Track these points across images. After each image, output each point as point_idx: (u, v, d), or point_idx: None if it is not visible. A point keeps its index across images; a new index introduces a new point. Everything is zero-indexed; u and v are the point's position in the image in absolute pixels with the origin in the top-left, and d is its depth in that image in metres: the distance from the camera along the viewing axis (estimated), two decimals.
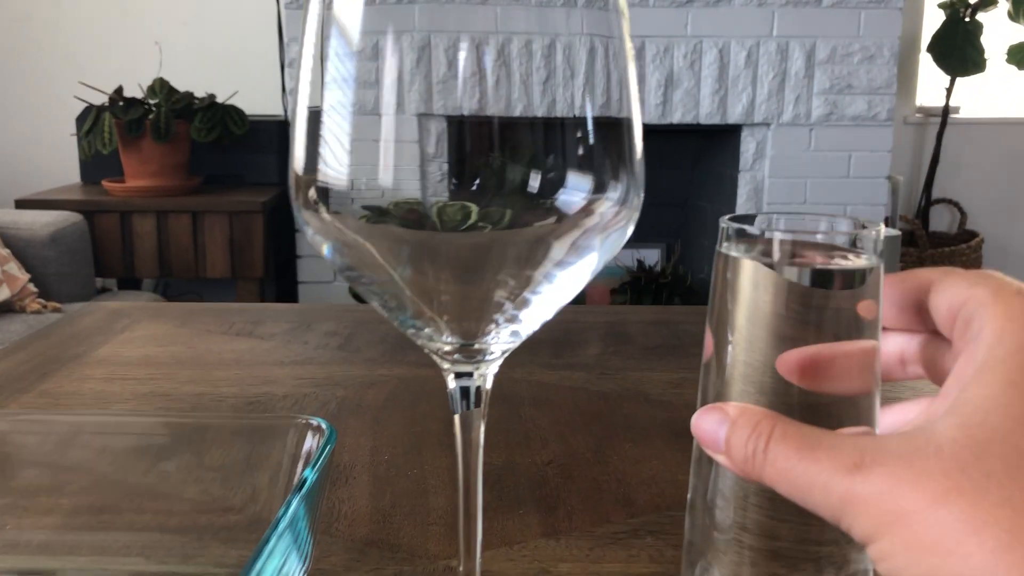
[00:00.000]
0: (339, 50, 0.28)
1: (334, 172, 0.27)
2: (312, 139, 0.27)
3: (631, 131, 0.28)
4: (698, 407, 0.26)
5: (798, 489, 0.22)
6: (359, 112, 0.27)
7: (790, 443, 0.22)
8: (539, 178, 0.28)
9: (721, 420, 0.24)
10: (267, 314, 0.79)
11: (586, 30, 0.28)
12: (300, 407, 0.56)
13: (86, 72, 2.87)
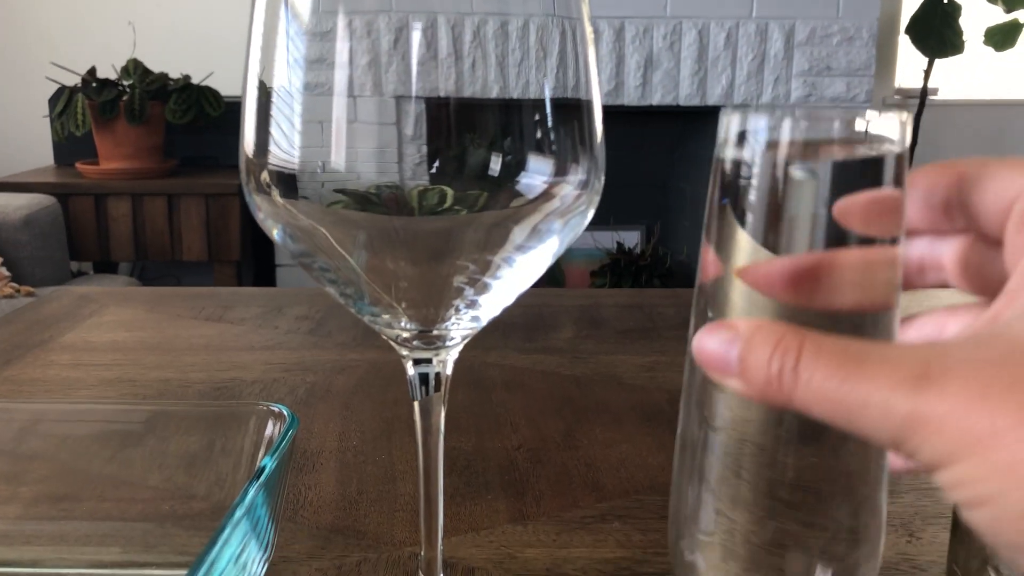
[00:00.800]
0: (293, 30, 0.27)
1: (285, 155, 0.26)
2: (262, 120, 0.26)
3: (591, 114, 0.28)
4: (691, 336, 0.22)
5: (845, 411, 0.19)
6: (311, 92, 0.26)
7: (829, 357, 0.19)
8: (499, 161, 0.28)
9: (731, 338, 0.20)
10: (238, 298, 0.78)
11: (545, 11, 0.27)
12: (268, 393, 0.55)
13: (58, 51, 2.83)
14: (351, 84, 0.26)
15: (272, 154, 0.26)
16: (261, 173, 0.26)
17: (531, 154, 0.27)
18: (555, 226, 0.26)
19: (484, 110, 0.27)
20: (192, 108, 2.54)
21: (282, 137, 0.26)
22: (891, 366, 0.18)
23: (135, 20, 2.81)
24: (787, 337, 0.19)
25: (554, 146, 0.27)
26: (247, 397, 0.54)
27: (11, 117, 3.02)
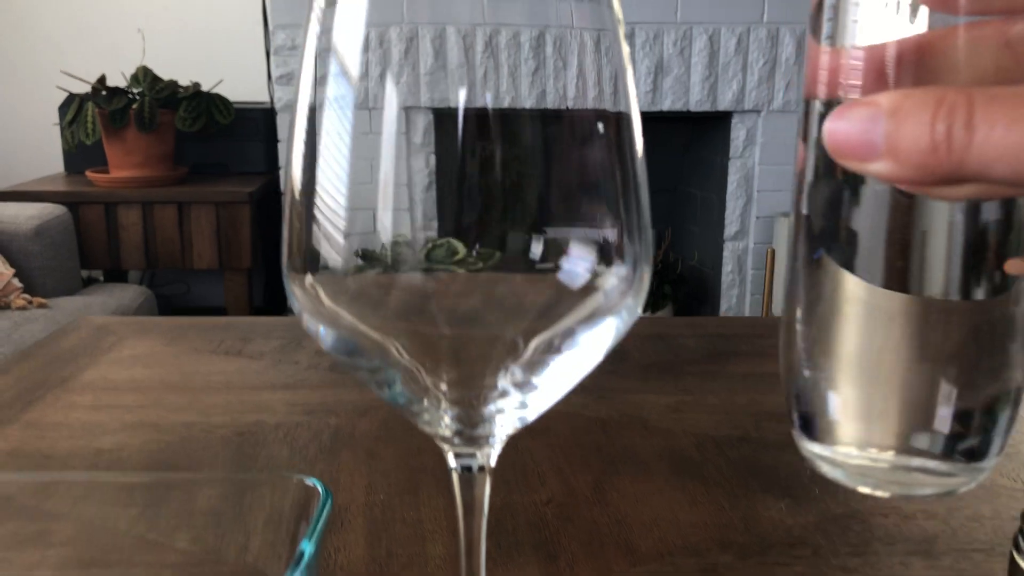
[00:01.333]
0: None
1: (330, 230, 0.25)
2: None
3: (638, 188, 0.27)
4: (793, 235, 0.21)
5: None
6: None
7: (1008, 101, 0.16)
8: (538, 245, 0.27)
9: (873, 111, 0.17)
10: (256, 329, 0.78)
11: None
12: (292, 439, 0.55)
13: (68, 58, 2.83)
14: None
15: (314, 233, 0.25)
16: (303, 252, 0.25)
17: (573, 239, 0.27)
18: (605, 321, 0.26)
19: (522, 184, 0.26)
20: (202, 116, 2.54)
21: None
22: None
23: (144, 27, 2.81)
24: (949, 94, 0.16)
25: (598, 227, 0.26)
26: (271, 444, 0.54)
27: (22, 124, 3.02)
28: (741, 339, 0.74)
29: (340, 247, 0.27)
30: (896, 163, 0.17)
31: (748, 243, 2.70)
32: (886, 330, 0.23)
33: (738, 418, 0.57)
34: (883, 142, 0.17)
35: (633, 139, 0.27)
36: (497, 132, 0.26)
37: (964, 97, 0.16)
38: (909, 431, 0.24)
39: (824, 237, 0.24)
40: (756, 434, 0.55)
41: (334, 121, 0.27)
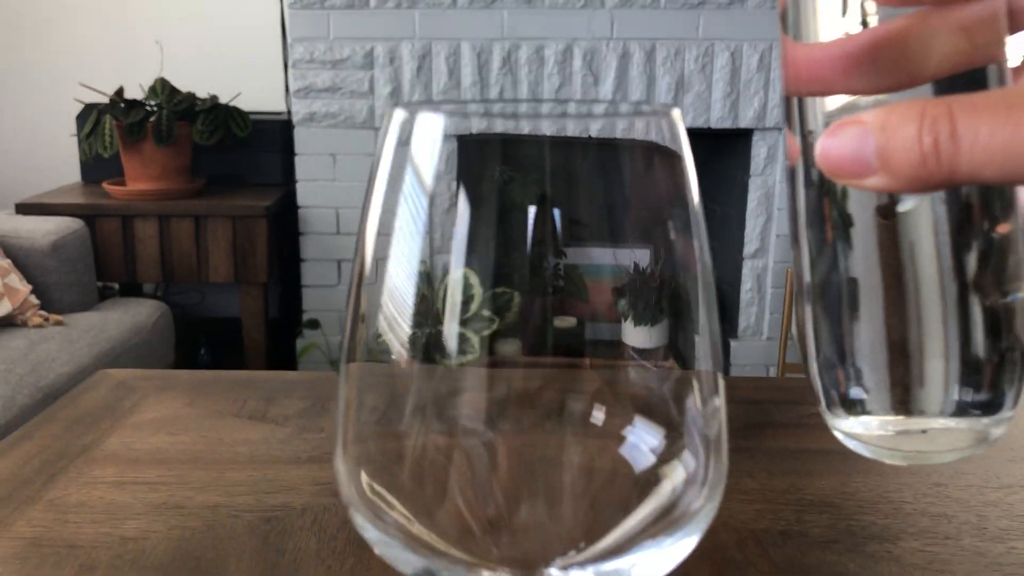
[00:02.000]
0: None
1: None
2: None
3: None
4: (795, 230, 0.21)
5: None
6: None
7: (987, 111, 0.17)
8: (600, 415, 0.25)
9: (862, 132, 0.18)
10: (280, 388, 0.76)
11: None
12: (321, 526, 0.53)
13: (85, 68, 2.83)
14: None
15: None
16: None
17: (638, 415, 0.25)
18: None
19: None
20: (219, 129, 2.54)
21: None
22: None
23: (162, 39, 2.80)
24: (929, 106, 0.17)
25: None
26: (298, 533, 0.52)
27: (39, 134, 3.03)
28: (776, 407, 0.72)
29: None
30: (891, 177, 0.18)
31: (768, 261, 2.68)
32: (886, 302, 0.24)
33: (779, 508, 0.56)
34: (875, 159, 0.18)
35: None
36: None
37: (945, 108, 0.17)
38: (924, 395, 0.24)
39: (823, 220, 0.24)
40: (798, 527, 0.53)
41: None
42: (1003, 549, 0.50)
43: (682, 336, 0.26)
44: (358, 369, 0.26)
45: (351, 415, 0.26)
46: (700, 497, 0.24)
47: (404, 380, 0.25)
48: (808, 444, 0.65)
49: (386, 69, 2.55)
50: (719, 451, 0.24)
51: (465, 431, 0.25)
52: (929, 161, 0.17)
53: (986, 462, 0.62)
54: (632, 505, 0.23)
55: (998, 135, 0.17)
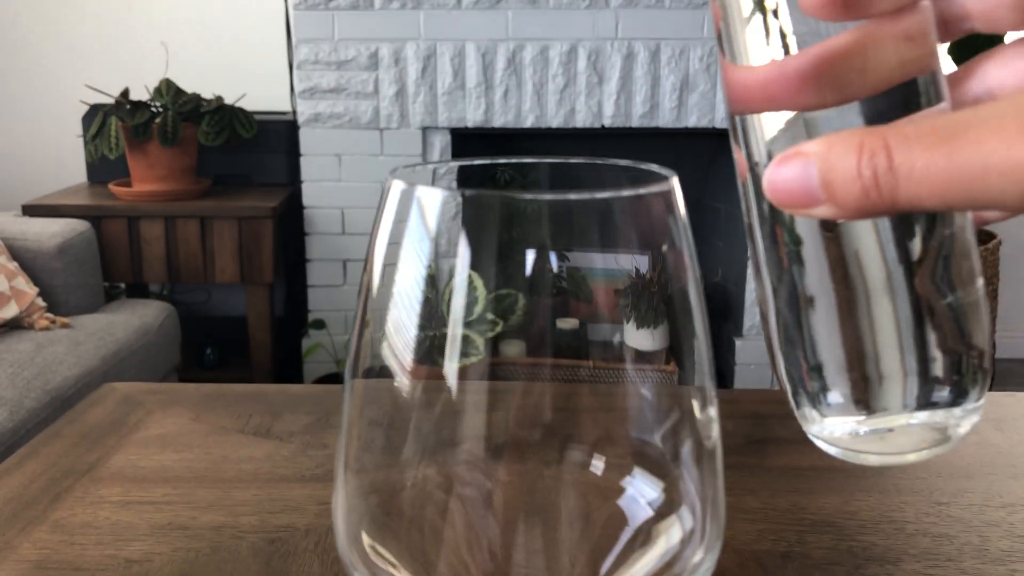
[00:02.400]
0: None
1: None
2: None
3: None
4: (750, 235, 0.22)
5: (964, 185, 0.17)
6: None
7: (921, 141, 0.17)
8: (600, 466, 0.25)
9: (805, 163, 0.18)
10: (285, 403, 0.77)
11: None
12: (323, 548, 0.54)
13: (91, 69, 2.84)
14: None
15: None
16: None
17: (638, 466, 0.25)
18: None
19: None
20: (225, 130, 2.54)
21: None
22: (995, 123, 0.16)
23: (167, 40, 2.81)
24: (867, 139, 0.18)
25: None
26: (301, 555, 0.53)
27: (44, 136, 3.03)
28: (779, 421, 0.72)
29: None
30: (837, 208, 0.18)
31: None
32: (840, 305, 0.24)
33: (781, 528, 0.56)
34: (820, 191, 0.18)
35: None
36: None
37: (881, 141, 0.18)
38: (884, 394, 0.25)
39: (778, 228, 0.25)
40: (800, 548, 0.54)
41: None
42: (1004, 572, 0.51)
43: (683, 341, 0.26)
44: (362, 388, 0.26)
45: (352, 450, 0.26)
46: (699, 553, 0.24)
47: (406, 409, 0.26)
48: (811, 461, 0.65)
49: (391, 70, 2.56)
50: (716, 505, 0.24)
51: (465, 478, 0.25)
52: (871, 193, 0.18)
53: (987, 480, 0.62)
54: (630, 563, 0.23)
55: (933, 167, 0.17)
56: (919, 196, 0.17)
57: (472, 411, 0.25)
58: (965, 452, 0.66)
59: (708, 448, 0.26)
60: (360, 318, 0.26)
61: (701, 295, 0.26)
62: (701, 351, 0.27)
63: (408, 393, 0.25)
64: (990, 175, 0.17)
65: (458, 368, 0.24)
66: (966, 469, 0.64)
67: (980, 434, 0.70)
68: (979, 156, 0.17)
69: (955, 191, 0.17)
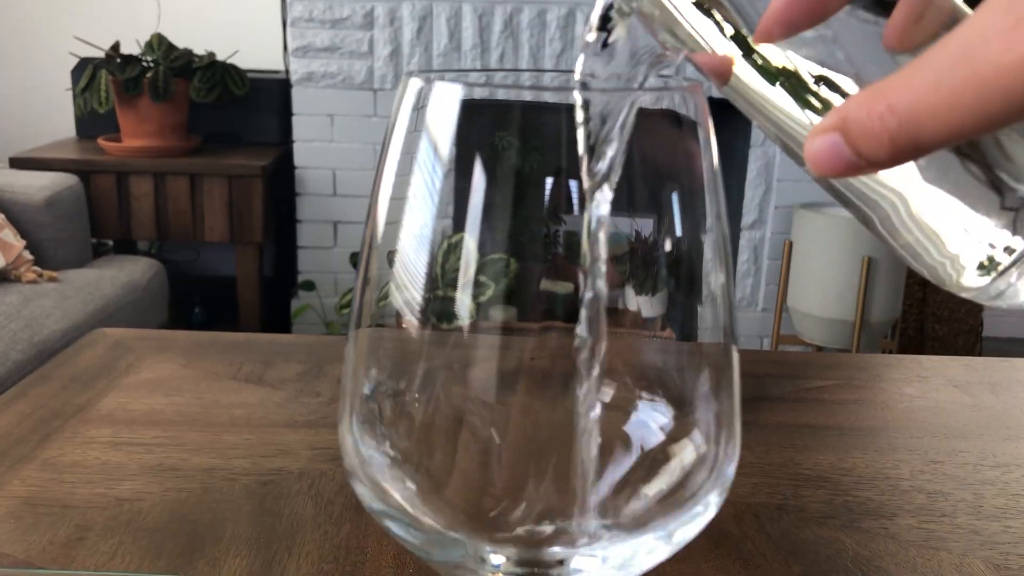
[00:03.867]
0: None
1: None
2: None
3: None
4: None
5: (971, 111, 0.18)
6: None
7: (916, 78, 0.18)
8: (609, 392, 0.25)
9: (831, 138, 0.19)
10: (278, 351, 0.76)
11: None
12: (318, 491, 0.53)
13: (81, 22, 2.80)
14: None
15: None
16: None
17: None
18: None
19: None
20: (217, 87, 2.51)
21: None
22: (975, 31, 0.17)
23: None
24: (870, 97, 0.19)
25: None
26: (295, 497, 0.52)
27: (34, 88, 2.99)
28: (773, 380, 0.72)
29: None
30: (876, 166, 0.19)
31: (765, 233, 2.67)
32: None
33: (776, 482, 0.56)
34: (855, 158, 0.19)
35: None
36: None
37: (880, 93, 0.19)
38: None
39: None
40: (795, 502, 0.53)
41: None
42: (998, 528, 0.51)
43: (686, 305, 0.25)
44: (366, 336, 0.25)
45: (359, 384, 0.25)
46: (711, 477, 0.23)
47: (413, 348, 0.25)
48: (805, 419, 0.65)
49: (386, 30, 2.52)
50: (731, 428, 0.24)
51: (473, 404, 0.25)
52: (900, 147, 0.19)
53: (982, 441, 0.62)
54: (641, 487, 0.23)
55: (936, 107, 0.18)
56: (939, 134, 0.18)
57: (483, 353, 0.25)
58: (960, 414, 0.66)
59: (725, 380, 0.25)
60: (366, 257, 0.25)
61: (723, 234, 0.26)
62: (716, 298, 0.26)
63: (417, 336, 0.24)
64: (988, 91, 0.17)
65: (470, 314, 0.24)
66: (961, 430, 0.64)
67: (975, 397, 0.70)
68: (980, 79, 0.17)
69: (970, 119, 0.18)
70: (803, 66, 0.24)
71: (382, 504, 0.24)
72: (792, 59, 0.24)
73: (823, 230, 2.38)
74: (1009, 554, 0.48)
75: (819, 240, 2.39)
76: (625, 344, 0.25)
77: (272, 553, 0.47)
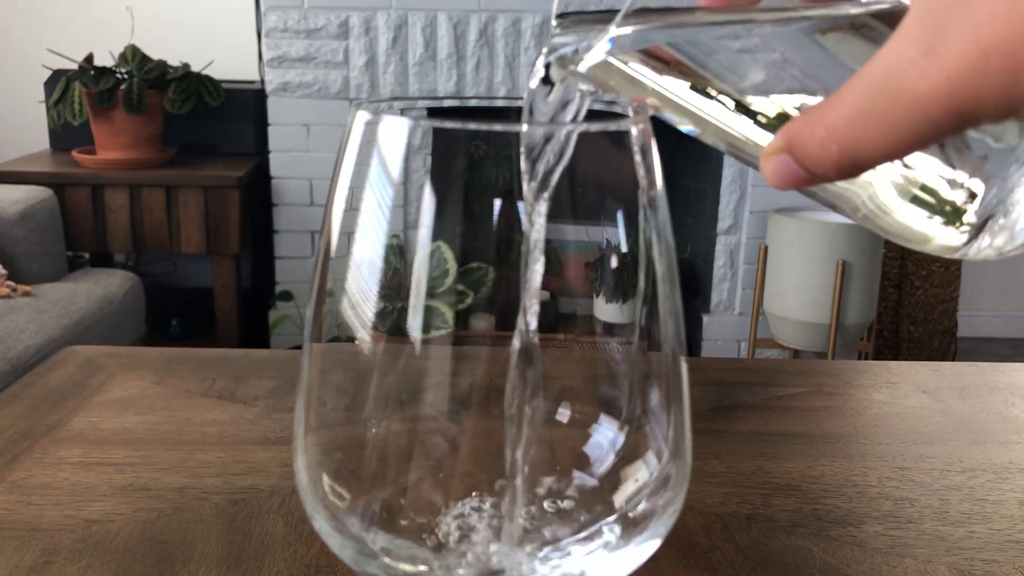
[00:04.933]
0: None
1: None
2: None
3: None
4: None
5: (904, 135, 0.19)
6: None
7: (848, 105, 0.19)
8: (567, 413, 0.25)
9: (776, 152, 0.21)
10: (250, 367, 0.76)
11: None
12: (288, 509, 0.53)
13: (55, 34, 2.78)
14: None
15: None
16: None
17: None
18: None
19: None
20: (191, 98, 2.50)
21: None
22: (893, 64, 0.18)
23: (133, 5, 2.75)
24: (799, 124, 0.20)
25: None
26: (265, 516, 0.52)
27: (7, 101, 2.97)
28: (745, 389, 0.72)
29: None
30: (823, 179, 0.20)
31: (741, 238, 2.69)
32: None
33: (746, 491, 0.56)
34: (802, 171, 0.21)
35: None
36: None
37: (809, 120, 0.20)
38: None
39: None
40: (764, 511, 0.54)
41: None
42: (963, 533, 0.51)
43: (651, 315, 0.26)
44: (321, 351, 0.26)
45: (312, 407, 0.25)
46: (663, 497, 0.24)
47: (368, 367, 0.25)
48: (776, 427, 0.66)
49: (361, 39, 2.52)
50: (682, 451, 0.24)
51: (427, 426, 0.25)
52: (843, 168, 0.20)
53: (949, 446, 0.63)
54: (593, 504, 0.23)
55: (856, 130, 0.19)
56: (877, 156, 0.19)
57: (436, 371, 0.25)
58: (928, 420, 0.67)
59: (675, 396, 0.25)
60: (319, 276, 0.25)
61: (669, 253, 0.26)
62: (665, 311, 0.27)
63: (371, 354, 0.25)
64: (914, 118, 0.18)
65: (421, 335, 0.24)
66: (928, 435, 0.64)
67: (943, 402, 0.71)
68: (905, 105, 0.18)
69: (903, 141, 0.19)
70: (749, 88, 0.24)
71: (338, 535, 0.24)
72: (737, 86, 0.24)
73: (798, 234, 2.40)
74: (973, 560, 0.49)
75: (794, 244, 2.41)
76: (587, 364, 0.26)
77: (242, 572, 0.47)
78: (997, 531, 0.52)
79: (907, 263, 2.90)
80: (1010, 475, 0.59)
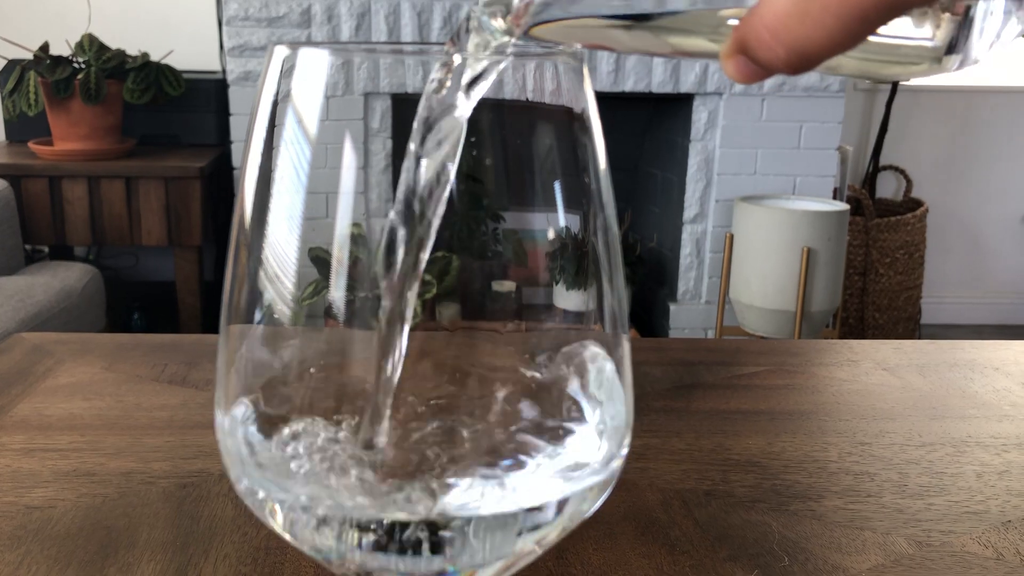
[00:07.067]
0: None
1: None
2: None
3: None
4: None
5: (841, 21, 0.19)
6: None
7: (779, 5, 0.20)
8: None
9: (733, 55, 0.21)
10: (202, 351, 0.74)
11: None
12: (235, 495, 0.52)
13: (8, 22, 2.72)
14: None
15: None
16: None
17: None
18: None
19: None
20: (151, 87, 2.46)
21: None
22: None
23: None
24: (744, 25, 0.20)
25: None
26: (214, 499, 0.51)
27: None
28: (706, 368, 0.72)
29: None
30: (779, 72, 0.21)
31: (707, 226, 2.69)
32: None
33: (705, 468, 0.56)
34: (760, 68, 0.21)
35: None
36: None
37: (751, 24, 0.20)
38: None
39: None
40: (723, 487, 0.53)
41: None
42: (922, 505, 0.51)
43: (602, 299, 0.25)
44: (239, 331, 0.25)
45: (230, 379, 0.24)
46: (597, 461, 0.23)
47: (291, 341, 0.24)
48: (737, 405, 0.65)
49: (324, 27, 2.50)
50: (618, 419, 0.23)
51: (354, 408, 0.24)
52: (782, 54, 0.20)
53: (909, 421, 0.63)
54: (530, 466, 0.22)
55: (796, 33, 0.19)
56: (822, 54, 0.20)
57: (365, 356, 0.24)
58: (888, 396, 0.67)
59: (612, 369, 0.24)
60: (235, 249, 0.24)
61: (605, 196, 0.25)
62: (606, 290, 0.26)
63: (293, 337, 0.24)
64: (845, 17, 0.19)
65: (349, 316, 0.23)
66: (888, 411, 0.64)
67: (903, 379, 0.71)
68: (827, 9, 0.19)
69: (841, 38, 0.19)
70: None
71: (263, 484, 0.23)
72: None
73: (763, 222, 2.41)
74: (931, 531, 0.48)
75: (760, 232, 2.42)
76: (522, 338, 0.25)
77: (188, 556, 0.45)
78: (955, 503, 0.51)
79: (872, 251, 2.92)
80: (968, 448, 0.59)
